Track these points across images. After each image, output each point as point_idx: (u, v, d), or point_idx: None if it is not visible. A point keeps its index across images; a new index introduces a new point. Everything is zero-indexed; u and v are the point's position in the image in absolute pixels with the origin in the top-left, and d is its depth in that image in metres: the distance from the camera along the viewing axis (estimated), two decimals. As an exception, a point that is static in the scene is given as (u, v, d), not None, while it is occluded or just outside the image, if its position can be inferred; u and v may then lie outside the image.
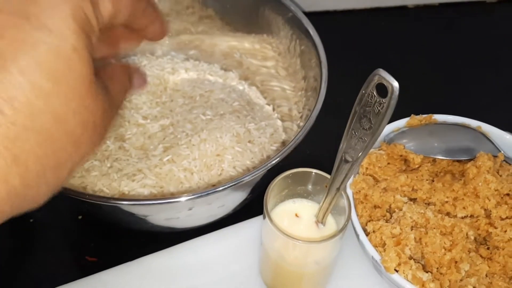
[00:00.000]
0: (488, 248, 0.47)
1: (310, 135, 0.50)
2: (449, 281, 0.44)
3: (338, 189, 0.44)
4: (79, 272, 0.53)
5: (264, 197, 0.45)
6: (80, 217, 0.59)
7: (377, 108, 0.38)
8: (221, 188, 0.45)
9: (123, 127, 0.62)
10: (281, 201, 0.48)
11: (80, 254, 0.56)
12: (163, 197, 0.52)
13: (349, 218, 0.43)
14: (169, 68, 0.69)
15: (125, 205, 0.45)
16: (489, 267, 0.45)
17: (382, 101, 0.38)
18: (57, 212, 0.59)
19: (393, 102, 0.37)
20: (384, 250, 0.44)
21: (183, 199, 0.44)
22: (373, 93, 0.38)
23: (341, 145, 0.42)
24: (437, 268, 0.45)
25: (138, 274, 0.51)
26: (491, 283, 0.45)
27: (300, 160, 0.49)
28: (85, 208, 0.59)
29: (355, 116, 0.40)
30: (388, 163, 0.52)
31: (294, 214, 0.48)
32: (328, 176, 0.45)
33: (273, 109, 0.68)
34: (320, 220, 0.46)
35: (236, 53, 0.70)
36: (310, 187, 0.48)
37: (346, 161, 0.42)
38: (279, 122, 0.66)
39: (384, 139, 0.54)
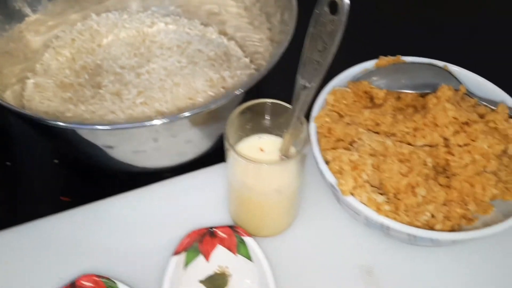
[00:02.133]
0: (447, 177, 0.47)
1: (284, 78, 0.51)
2: (406, 205, 0.44)
3: (298, 118, 0.45)
4: (51, 211, 0.54)
5: (225, 127, 0.45)
6: (56, 161, 0.61)
7: (330, 27, 0.39)
8: (181, 116, 0.45)
9: (100, 76, 0.63)
10: (246, 136, 0.49)
11: (54, 194, 0.57)
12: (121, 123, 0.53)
13: (307, 141, 0.44)
14: (149, 22, 0.71)
15: (84, 129, 0.46)
16: (447, 194, 0.46)
17: (335, 18, 0.38)
18: (34, 156, 0.61)
19: (344, 19, 0.38)
20: (342, 176, 0.45)
21: (141, 124, 0.45)
22: (326, 12, 0.39)
23: (298, 71, 0.43)
24: (395, 194, 0.45)
25: (104, 215, 0.53)
26: (449, 211, 0.46)
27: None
28: (59, 148, 0.60)
29: (310, 38, 0.41)
30: (355, 101, 0.53)
31: (259, 148, 0.49)
32: (288, 106, 0.46)
33: (251, 61, 0.69)
34: (284, 153, 0.47)
35: (216, 8, 0.71)
36: (273, 120, 0.49)
37: (304, 87, 0.43)
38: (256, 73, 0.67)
39: (352, 79, 0.55)
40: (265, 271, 0.47)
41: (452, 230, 0.46)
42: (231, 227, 0.49)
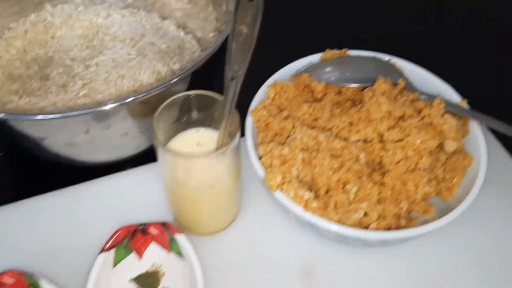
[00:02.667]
0: (382, 174, 0.46)
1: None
2: (336, 202, 0.43)
3: (230, 110, 0.43)
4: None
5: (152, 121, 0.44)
6: (1, 153, 0.60)
7: (251, 11, 0.38)
8: (101, 107, 0.44)
9: (50, 67, 0.62)
10: (183, 130, 0.48)
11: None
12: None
13: (237, 134, 0.43)
14: (104, 14, 0.70)
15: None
16: (380, 192, 0.45)
17: (253, 2, 0.38)
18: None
19: (261, 1, 0.37)
20: (271, 168, 0.44)
21: (66, 113, 0.44)
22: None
23: (226, 60, 0.41)
24: (326, 191, 0.44)
25: (35, 212, 0.52)
26: (383, 209, 0.45)
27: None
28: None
29: (234, 24, 0.40)
30: (296, 95, 0.52)
31: (195, 142, 0.48)
32: (218, 97, 0.45)
33: (207, 55, 0.68)
34: (220, 147, 0.46)
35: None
36: (208, 113, 0.47)
37: (232, 78, 0.42)
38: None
39: (296, 73, 0.53)
40: (195, 269, 0.46)
41: (388, 229, 0.44)
42: (162, 223, 0.48)
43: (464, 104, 0.51)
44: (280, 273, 0.47)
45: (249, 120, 0.49)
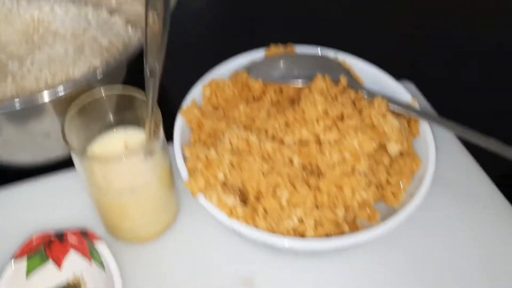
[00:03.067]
0: (317, 175, 0.42)
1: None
2: (265, 209, 0.39)
3: (152, 109, 0.40)
4: None
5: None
6: None
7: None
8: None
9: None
10: (109, 129, 0.44)
11: None
12: None
13: (158, 134, 0.39)
14: (48, 9, 0.66)
15: None
16: (316, 198, 0.41)
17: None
18: None
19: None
20: (194, 175, 0.40)
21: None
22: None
23: (144, 53, 0.38)
24: (256, 197, 0.40)
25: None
26: (319, 216, 0.41)
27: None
28: None
29: (147, 15, 0.36)
30: (235, 94, 0.48)
31: (123, 143, 0.44)
32: (134, 94, 0.41)
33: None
34: (148, 151, 0.42)
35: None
36: (134, 111, 0.44)
37: (151, 74, 0.38)
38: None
39: (237, 70, 0.50)
40: (114, 280, 0.42)
41: (327, 236, 0.41)
42: (81, 231, 0.44)
43: (415, 103, 0.47)
44: (217, 284, 0.43)
45: (179, 120, 0.45)
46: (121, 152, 0.43)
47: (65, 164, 0.51)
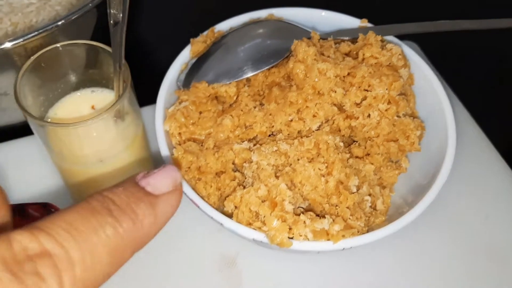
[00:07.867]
0: (359, 145, 0.38)
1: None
2: (348, 208, 0.34)
3: (119, 64, 0.34)
4: None
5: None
6: None
7: None
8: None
9: None
10: (73, 90, 0.38)
11: None
12: None
13: (122, 93, 0.33)
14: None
15: None
16: (372, 163, 0.37)
17: None
18: None
19: None
20: (264, 224, 0.32)
21: None
22: None
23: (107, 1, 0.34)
24: (330, 204, 0.34)
25: None
26: (380, 177, 0.37)
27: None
28: None
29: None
30: (201, 113, 0.39)
31: (89, 105, 0.38)
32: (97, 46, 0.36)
33: None
34: (117, 114, 0.35)
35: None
36: (100, 69, 0.37)
37: (115, 23, 0.33)
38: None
39: (178, 85, 0.41)
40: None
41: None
42: (43, 204, 0.34)
43: (366, 23, 0.43)
44: (196, 264, 0.40)
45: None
46: (86, 115, 0.36)
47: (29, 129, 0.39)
